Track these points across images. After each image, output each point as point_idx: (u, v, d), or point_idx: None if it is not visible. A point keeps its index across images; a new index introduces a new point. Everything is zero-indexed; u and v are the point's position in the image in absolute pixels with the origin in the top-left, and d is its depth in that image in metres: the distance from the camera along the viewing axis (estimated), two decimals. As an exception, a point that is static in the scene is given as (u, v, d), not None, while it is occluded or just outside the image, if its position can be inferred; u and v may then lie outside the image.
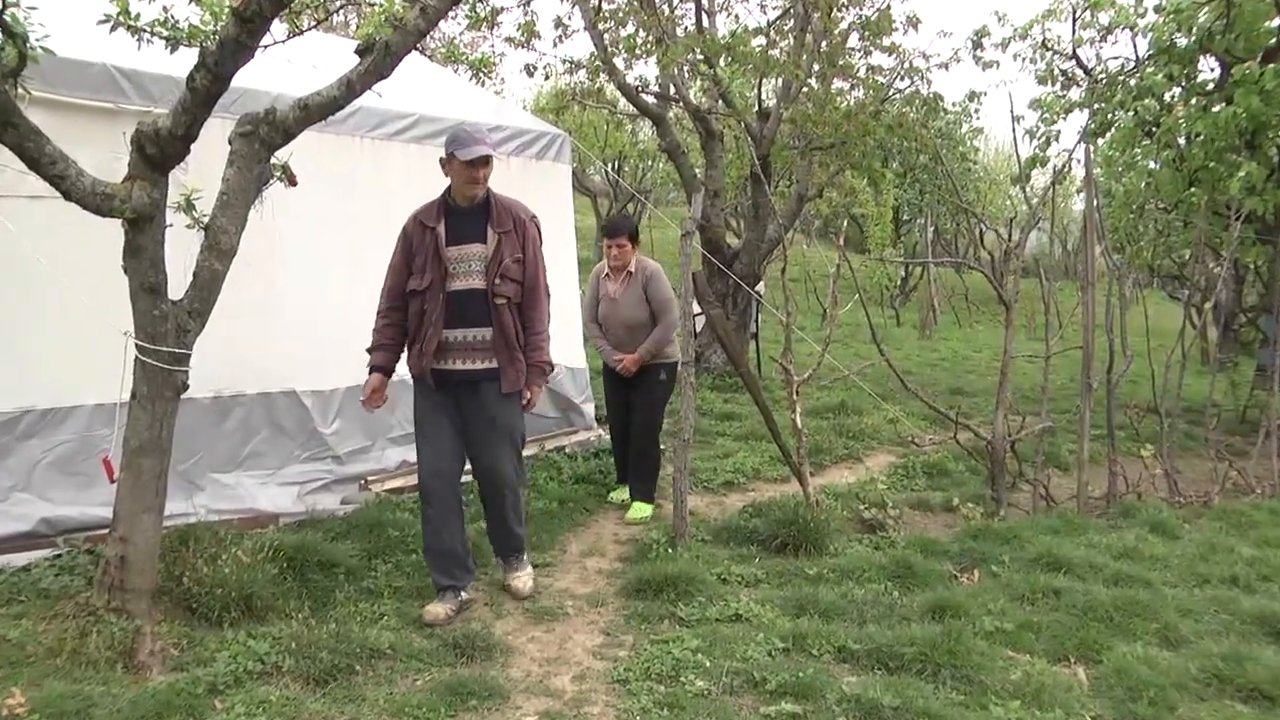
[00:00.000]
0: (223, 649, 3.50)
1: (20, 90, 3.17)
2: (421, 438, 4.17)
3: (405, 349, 4.18)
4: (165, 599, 3.75)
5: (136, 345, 3.44)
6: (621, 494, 5.85)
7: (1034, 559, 4.81)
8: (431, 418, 4.13)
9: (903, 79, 10.08)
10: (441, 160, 4.07)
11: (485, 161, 3.99)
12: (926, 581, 4.54)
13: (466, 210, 4.07)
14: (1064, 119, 11.01)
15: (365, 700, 3.26)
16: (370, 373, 4.18)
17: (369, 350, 4.20)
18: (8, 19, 2.88)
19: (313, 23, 3.96)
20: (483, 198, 4.08)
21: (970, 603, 4.20)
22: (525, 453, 6.55)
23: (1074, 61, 11.53)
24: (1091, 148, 8.54)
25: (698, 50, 9.03)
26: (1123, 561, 4.85)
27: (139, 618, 3.47)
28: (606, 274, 5.63)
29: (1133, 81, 10.08)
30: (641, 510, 5.58)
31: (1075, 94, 11.38)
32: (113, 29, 3.40)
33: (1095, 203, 6.41)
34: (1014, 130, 7.07)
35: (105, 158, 3.77)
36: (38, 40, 3.02)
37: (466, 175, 3.98)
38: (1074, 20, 11.13)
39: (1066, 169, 9.70)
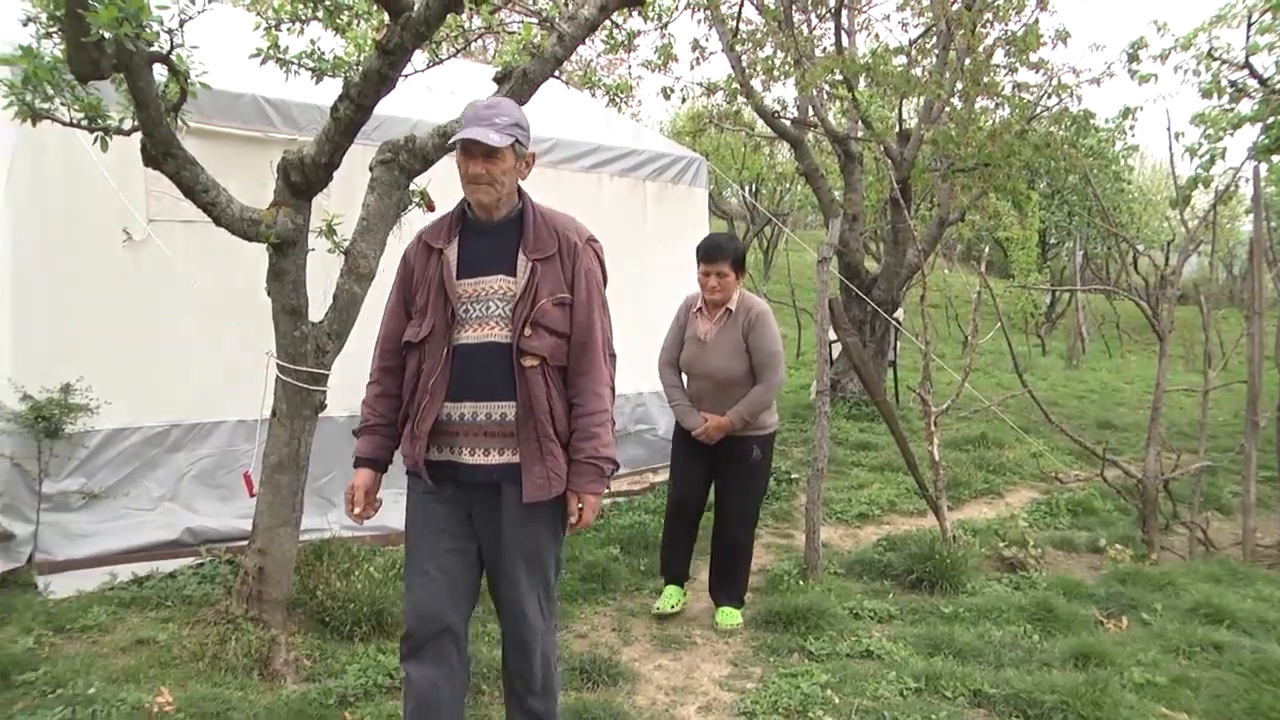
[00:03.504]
0: (353, 662, 3.58)
1: (180, 123, 3.35)
2: (411, 564, 2.77)
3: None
4: (299, 611, 3.89)
5: (277, 365, 3.58)
6: (672, 600, 4.45)
7: (1191, 608, 4.49)
8: (428, 533, 2.74)
9: (1050, 96, 9.70)
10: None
11: (490, 153, 2.59)
12: (1069, 626, 4.30)
13: (490, 228, 2.71)
14: (1231, 135, 10.32)
15: (490, 720, 3.28)
16: (356, 466, 2.84)
17: (355, 434, 2.90)
18: (174, 59, 3.04)
19: (452, 51, 4.03)
20: (516, 210, 2.72)
21: (1118, 651, 3.95)
22: (652, 478, 6.56)
23: (1246, 71, 10.79)
24: (1263, 165, 7.98)
25: (837, 71, 8.90)
26: (1299, 618, 4.45)
27: (274, 627, 3.60)
28: (699, 308, 4.42)
29: (1320, 92, 9.36)
30: (732, 617, 4.35)
31: (1245, 107, 10.64)
32: (263, 62, 3.57)
33: (1266, 225, 5.98)
34: (1171, 148, 6.63)
35: (253, 184, 3.94)
36: (197, 76, 3.18)
37: (463, 170, 2.64)
38: (1249, 25, 10.41)
39: (1233, 188, 9.08)
